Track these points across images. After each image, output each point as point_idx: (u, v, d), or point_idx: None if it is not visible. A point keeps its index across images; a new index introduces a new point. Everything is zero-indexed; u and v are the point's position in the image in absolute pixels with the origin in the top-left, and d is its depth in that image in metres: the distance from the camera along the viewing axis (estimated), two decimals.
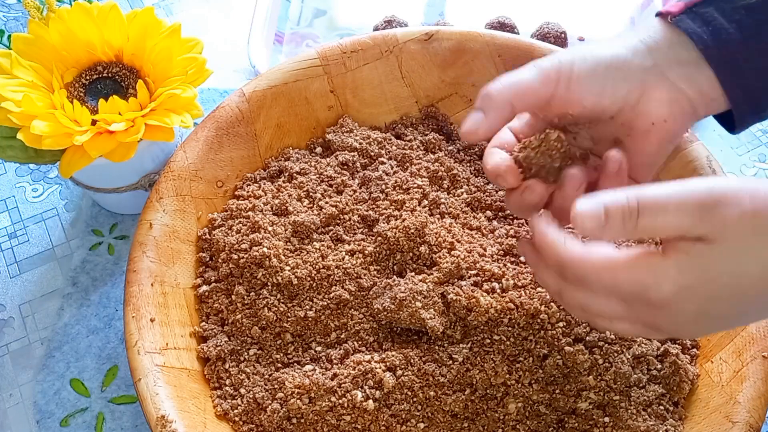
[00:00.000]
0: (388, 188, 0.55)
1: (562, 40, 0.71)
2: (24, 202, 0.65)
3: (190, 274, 0.54)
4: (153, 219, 0.52)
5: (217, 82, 0.72)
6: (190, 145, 0.56)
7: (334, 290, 0.51)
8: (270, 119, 0.59)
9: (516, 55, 0.60)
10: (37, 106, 0.51)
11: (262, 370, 0.49)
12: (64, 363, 0.57)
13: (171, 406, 0.45)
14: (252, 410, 0.48)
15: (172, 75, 0.54)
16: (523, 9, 0.77)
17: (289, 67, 0.60)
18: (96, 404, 0.55)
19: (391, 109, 0.62)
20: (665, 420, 0.47)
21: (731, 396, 0.46)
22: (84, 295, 0.60)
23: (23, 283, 0.61)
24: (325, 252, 0.53)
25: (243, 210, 0.55)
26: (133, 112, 0.52)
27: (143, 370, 0.46)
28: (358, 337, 0.50)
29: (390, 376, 0.47)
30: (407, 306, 0.48)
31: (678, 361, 0.48)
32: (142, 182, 0.59)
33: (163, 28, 0.56)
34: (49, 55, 0.55)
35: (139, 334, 0.48)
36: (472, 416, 0.47)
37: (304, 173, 0.57)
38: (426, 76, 0.62)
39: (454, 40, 0.61)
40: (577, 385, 0.47)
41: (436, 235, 0.52)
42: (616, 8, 0.79)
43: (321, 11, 0.79)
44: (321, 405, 0.47)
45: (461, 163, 0.59)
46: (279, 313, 0.50)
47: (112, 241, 0.63)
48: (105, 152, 0.51)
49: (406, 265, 0.52)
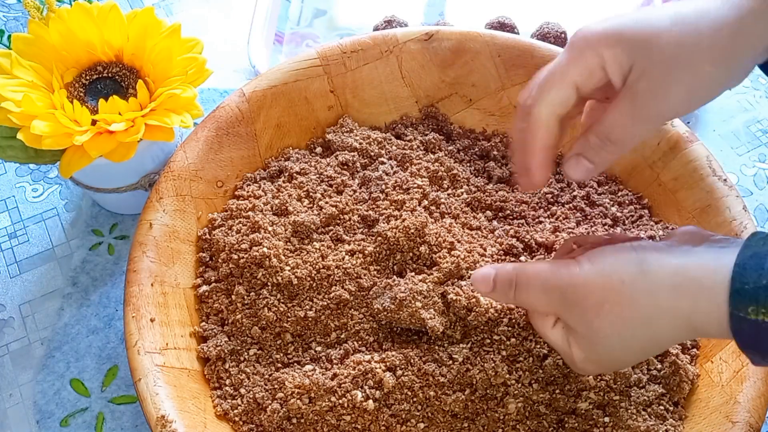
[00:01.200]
0: (388, 188, 0.55)
1: (562, 40, 0.71)
2: (24, 202, 0.65)
3: (190, 274, 0.54)
4: (153, 219, 0.52)
5: (217, 82, 0.72)
6: (190, 145, 0.56)
7: (334, 290, 0.51)
8: (270, 119, 0.59)
9: (516, 55, 0.60)
10: (37, 106, 0.51)
11: (262, 370, 0.49)
12: (64, 363, 0.57)
13: (171, 406, 0.45)
14: (252, 410, 0.48)
15: (172, 75, 0.54)
16: (523, 9, 0.77)
17: (289, 67, 0.60)
18: (96, 404, 0.55)
19: (391, 109, 0.62)
20: (665, 420, 0.47)
21: (731, 396, 0.46)
22: (84, 295, 0.60)
23: (23, 283, 0.61)
24: (325, 252, 0.52)
25: (243, 210, 0.55)
26: (133, 112, 0.52)
27: (143, 370, 0.46)
28: (358, 337, 0.50)
29: (390, 376, 0.47)
30: (407, 306, 0.48)
31: (678, 361, 0.48)
32: (142, 182, 0.59)
33: (163, 28, 0.56)
34: (49, 55, 0.55)
35: (139, 334, 0.48)
36: (472, 416, 0.47)
37: (304, 173, 0.57)
38: (426, 76, 0.62)
39: (454, 40, 0.61)
40: (577, 385, 0.47)
41: (436, 235, 0.52)
42: (616, 8, 0.79)
43: (321, 11, 0.79)
44: (321, 405, 0.47)
45: (461, 163, 0.59)
46: (279, 313, 0.50)
47: (112, 241, 0.63)
48: (105, 152, 0.51)
49: (406, 265, 0.52)
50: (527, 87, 0.44)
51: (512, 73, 0.61)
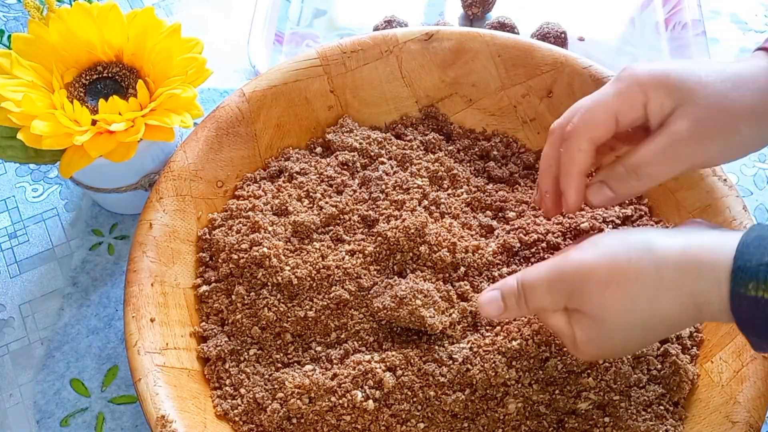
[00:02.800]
0: (388, 188, 0.55)
1: (562, 40, 0.71)
2: (24, 202, 0.65)
3: (190, 274, 0.54)
4: (153, 219, 0.52)
5: (217, 82, 0.72)
6: (190, 145, 0.56)
7: (334, 290, 0.51)
8: (270, 119, 0.59)
9: (516, 55, 0.60)
10: (37, 106, 0.51)
11: (262, 370, 0.49)
12: (64, 363, 0.57)
13: (171, 406, 0.45)
14: (252, 410, 0.48)
15: (172, 75, 0.54)
16: (523, 9, 0.77)
17: (289, 67, 0.60)
18: (96, 404, 0.55)
19: (391, 109, 0.62)
20: (665, 420, 0.47)
21: (731, 396, 0.46)
22: (84, 295, 0.60)
23: (23, 283, 0.61)
24: (325, 252, 0.52)
25: (243, 210, 0.55)
26: (133, 112, 0.52)
27: (143, 370, 0.46)
28: (358, 337, 0.50)
29: (390, 376, 0.47)
30: (407, 304, 0.48)
31: (678, 361, 0.48)
32: (142, 182, 0.59)
33: (163, 28, 0.56)
34: (49, 55, 0.55)
35: (139, 334, 0.48)
36: (472, 416, 0.47)
37: (304, 173, 0.57)
38: (426, 76, 0.62)
39: (454, 40, 0.61)
40: (577, 386, 0.47)
41: (436, 235, 0.52)
42: (616, 8, 0.79)
43: (321, 11, 0.79)
44: (321, 405, 0.47)
45: (461, 163, 0.59)
46: (279, 313, 0.50)
47: (112, 241, 0.63)
48: (105, 152, 0.51)
49: (406, 265, 0.52)
50: (564, 115, 0.46)
51: (512, 73, 0.61)
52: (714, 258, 0.37)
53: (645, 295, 0.39)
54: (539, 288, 0.42)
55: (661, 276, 0.38)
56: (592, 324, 0.41)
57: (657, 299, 0.38)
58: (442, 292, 0.50)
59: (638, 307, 0.39)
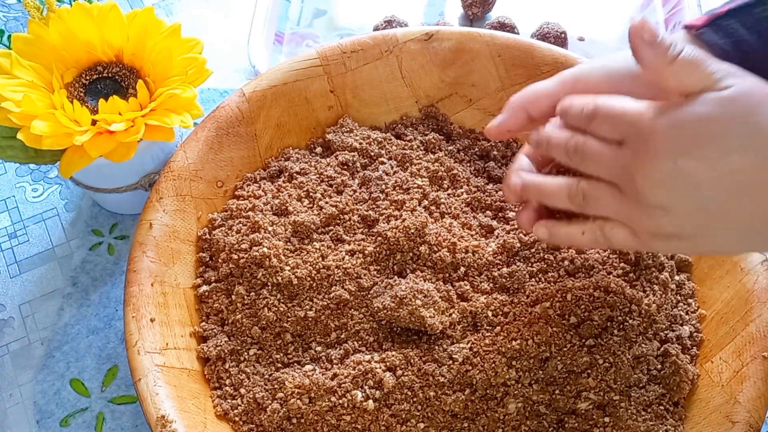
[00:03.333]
0: (388, 188, 0.55)
1: (562, 40, 0.71)
2: (24, 202, 0.65)
3: (190, 274, 0.54)
4: (153, 219, 0.52)
5: (217, 82, 0.72)
6: (190, 145, 0.56)
7: (334, 290, 0.51)
8: (270, 119, 0.59)
9: (516, 55, 0.60)
10: (37, 106, 0.51)
11: (262, 370, 0.49)
12: (64, 363, 0.57)
13: (171, 406, 0.45)
14: (252, 410, 0.48)
15: (172, 75, 0.54)
16: (523, 9, 0.77)
17: (289, 67, 0.60)
18: (96, 404, 0.55)
19: (391, 109, 0.62)
20: (665, 420, 0.47)
21: (731, 396, 0.46)
22: (84, 295, 0.60)
23: (23, 283, 0.61)
24: (325, 252, 0.53)
25: (243, 210, 0.55)
26: (133, 112, 0.52)
27: (143, 370, 0.46)
28: (358, 337, 0.50)
29: (390, 376, 0.47)
30: (407, 304, 0.48)
31: (678, 361, 0.48)
32: (142, 182, 0.59)
33: (163, 28, 0.56)
34: (49, 55, 0.55)
35: (139, 334, 0.48)
36: (472, 416, 0.47)
37: (304, 173, 0.57)
38: (426, 76, 0.62)
39: (454, 40, 0.61)
40: (577, 386, 0.47)
41: (436, 235, 0.52)
42: (616, 8, 0.79)
43: (321, 11, 0.79)
44: (321, 405, 0.47)
45: (461, 163, 0.59)
46: (279, 313, 0.50)
47: (112, 241, 0.63)
48: (105, 152, 0.51)
49: (406, 265, 0.52)
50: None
51: (512, 73, 0.61)
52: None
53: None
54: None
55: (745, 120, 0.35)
56: (677, 187, 0.36)
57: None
58: (442, 292, 0.50)
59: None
